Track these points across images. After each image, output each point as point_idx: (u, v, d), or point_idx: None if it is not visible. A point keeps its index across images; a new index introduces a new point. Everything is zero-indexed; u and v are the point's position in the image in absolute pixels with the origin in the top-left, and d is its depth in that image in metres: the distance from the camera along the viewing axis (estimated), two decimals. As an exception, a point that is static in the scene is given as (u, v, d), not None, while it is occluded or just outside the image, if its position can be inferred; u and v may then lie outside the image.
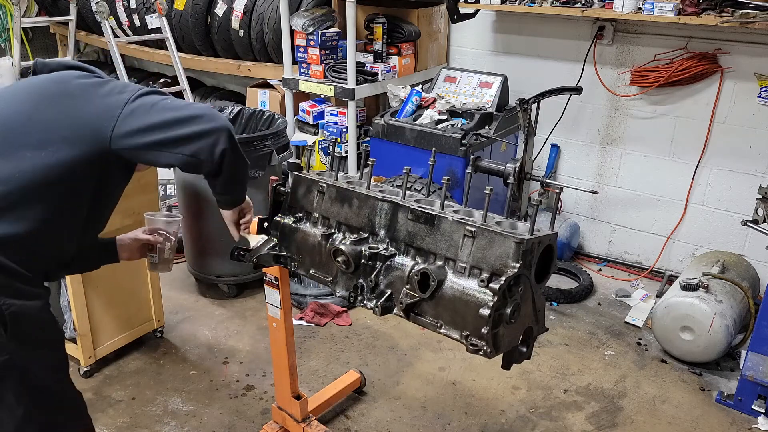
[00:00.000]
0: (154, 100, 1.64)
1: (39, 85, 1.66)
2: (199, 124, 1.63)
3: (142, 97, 1.64)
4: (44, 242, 1.61)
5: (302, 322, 3.35)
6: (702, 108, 3.54)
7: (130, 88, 1.66)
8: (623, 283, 3.88)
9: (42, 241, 1.60)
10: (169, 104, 1.65)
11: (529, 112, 3.24)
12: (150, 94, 1.66)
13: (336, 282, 1.90)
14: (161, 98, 1.66)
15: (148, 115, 1.61)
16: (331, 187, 1.95)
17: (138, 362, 3.04)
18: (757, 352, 2.68)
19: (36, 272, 1.62)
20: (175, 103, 1.66)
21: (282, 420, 2.50)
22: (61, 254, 1.72)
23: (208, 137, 1.63)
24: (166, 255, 2.11)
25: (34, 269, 1.61)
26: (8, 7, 4.85)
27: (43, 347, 1.63)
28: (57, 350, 1.70)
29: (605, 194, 4.02)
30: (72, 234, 1.70)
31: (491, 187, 1.67)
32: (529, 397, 2.86)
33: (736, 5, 3.09)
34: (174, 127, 1.62)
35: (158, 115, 1.61)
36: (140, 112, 1.61)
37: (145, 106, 1.62)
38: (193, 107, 1.68)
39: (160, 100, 1.65)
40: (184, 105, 1.68)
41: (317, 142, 4.01)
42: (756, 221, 2.87)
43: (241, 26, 4.33)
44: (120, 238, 2.05)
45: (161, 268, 2.12)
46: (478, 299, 1.58)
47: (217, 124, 1.65)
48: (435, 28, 4.24)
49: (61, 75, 1.69)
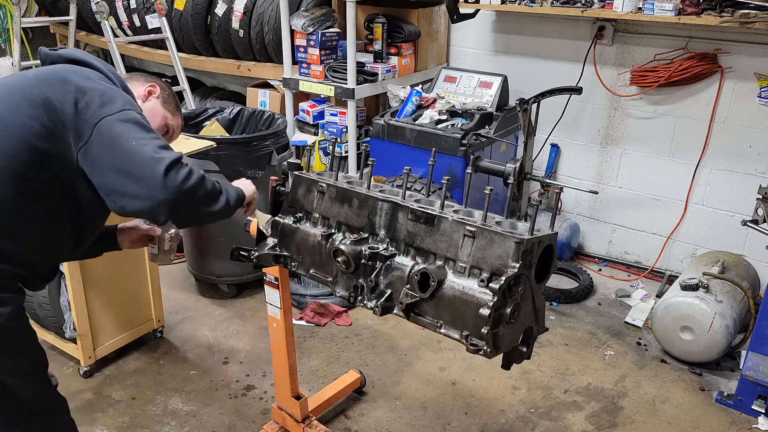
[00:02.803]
0: (118, 132, 1.54)
1: (23, 86, 1.61)
2: (139, 187, 1.52)
3: (111, 122, 1.55)
4: (15, 250, 1.60)
5: (302, 322, 3.35)
6: (702, 108, 3.54)
7: (109, 103, 1.57)
8: (623, 283, 3.88)
9: (12, 249, 1.59)
10: (126, 147, 1.53)
11: (529, 112, 3.24)
12: (123, 122, 1.56)
13: (336, 282, 1.90)
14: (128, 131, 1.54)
15: (104, 149, 1.54)
16: (331, 187, 1.95)
17: (138, 362, 3.04)
18: (757, 352, 2.68)
19: (6, 278, 1.60)
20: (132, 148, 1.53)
21: (282, 420, 2.50)
22: (40, 261, 1.70)
23: (147, 204, 1.53)
24: (166, 247, 2.10)
25: (5, 275, 1.59)
26: (8, 7, 4.85)
27: (11, 355, 1.62)
28: (26, 358, 1.67)
29: (605, 194, 4.02)
30: (54, 243, 1.69)
31: (491, 187, 1.67)
32: (529, 397, 2.86)
33: (736, 5, 3.09)
34: (119, 176, 1.53)
35: (110, 157, 1.54)
36: (97, 144, 1.54)
37: (104, 139, 1.54)
38: (145, 163, 1.52)
39: (123, 134, 1.54)
40: (138, 155, 1.52)
41: (317, 142, 4.01)
42: (756, 221, 2.87)
43: (241, 26, 4.33)
44: (121, 227, 2.05)
45: (161, 259, 2.12)
46: (478, 299, 1.58)
47: (155, 197, 1.52)
48: (435, 28, 4.24)
49: (51, 74, 1.64)
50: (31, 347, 1.71)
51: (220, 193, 1.70)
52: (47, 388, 1.76)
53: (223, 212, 1.73)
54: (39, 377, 1.72)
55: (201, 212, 1.68)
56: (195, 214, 1.68)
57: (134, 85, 1.89)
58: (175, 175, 1.53)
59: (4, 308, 1.59)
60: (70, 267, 2.65)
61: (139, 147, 1.53)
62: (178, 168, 1.55)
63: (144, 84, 1.93)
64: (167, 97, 1.96)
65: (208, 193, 1.65)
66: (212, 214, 1.71)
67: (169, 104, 1.96)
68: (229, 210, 1.75)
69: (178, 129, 2.02)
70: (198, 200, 1.62)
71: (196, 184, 1.58)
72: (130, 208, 1.55)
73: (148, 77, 1.98)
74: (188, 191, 1.55)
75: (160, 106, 1.93)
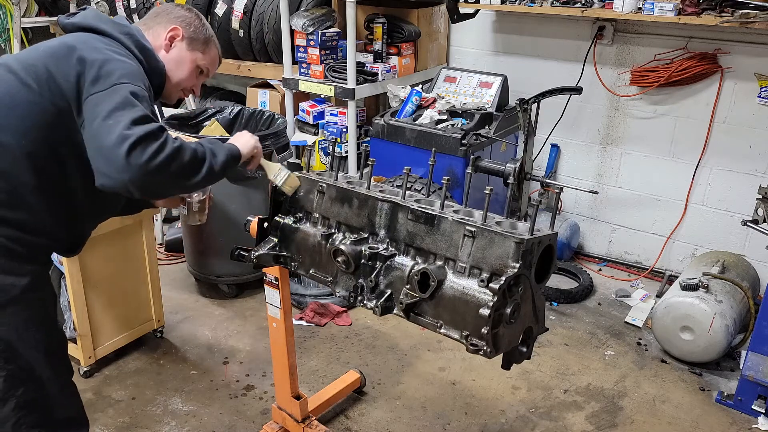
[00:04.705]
0: (100, 109, 1.53)
1: (32, 62, 1.60)
2: (108, 166, 1.51)
3: (98, 98, 1.54)
4: (27, 218, 1.62)
5: (302, 322, 3.35)
6: (702, 108, 3.54)
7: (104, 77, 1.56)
8: (623, 283, 3.88)
9: (25, 217, 1.61)
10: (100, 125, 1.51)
11: (529, 112, 3.24)
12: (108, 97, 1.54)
13: (336, 282, 1.90)
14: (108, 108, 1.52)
15: (89, 126, 1.54)
16: (331, 187, 1.95)
17: (138, 362, 3.04)
18: (757, 352, 2.68)
19: (24, 247, 1.61)
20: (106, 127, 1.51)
21: (282, 420, 2.50)
22: (60, 231, 1.71)
23: (116, 183, 1.51)
24: (195, 209, 2.11)
25: (21, 243, 1.61)
26: (8, 7, 4.84)
27: (29, 327, 1.64)
28: (43, 332, 1.68)
29: (605, 194, 4.02)
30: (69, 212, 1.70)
31: (491, 187, 1.67)
32: (529, 397, 2.85)
33: (736, 5, 3.09)
34: (95, 154, 1.52)
35: (91, 134, 1.53)
36: (87, 121, 1.54)
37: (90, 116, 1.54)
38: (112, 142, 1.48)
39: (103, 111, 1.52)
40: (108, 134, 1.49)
41: (317, 142, 4.01)
42: (756, 221, 2.87)
43: (241, 26, 4.33)
44: None
45: (191, 220, 2.14)
46: (478, 299, 1.58)
47: (121, 177, 1.49)
48: (435, 28, 4.24)
49: (59, 48, 1.62)
50: (49, 322, 1.71)
51: (202, 161, 1.64)
52: (65, 366, 1.78)
53: (208, 180, 1.68)
54: (57, 354, 1.73)
55: (180, 185, 1.65)
56: (173, 187, 1.66)
57: (155, 35, 1.83)
58: (140, 153, 1.48)
59: (20, 279, 1.60)
60: (70, 267, 2.65)
61: (114, 125, 1.50)
62: (146, 145, 1.49)
63: (165, 29, 1.84)
64: (193, 34, 1.88)
65: (185, 165, 1.59)
66: (195, 185, 1.67)
67: (197, 42, 1.88)
68: (217, 175, 1.70)
69: (213, 64, 1.97)
70: (172, 175, 1.56)
71: (167, 158, 1.52)
72: (105, 186, 1.53)
73: (172, 14, 1.87)
74: (156, 168, 1.50)
75: (186, 50, 1.86)
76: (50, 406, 1.73)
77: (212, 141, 1.75)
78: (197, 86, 1.96)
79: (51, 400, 1.72)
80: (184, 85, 1.91)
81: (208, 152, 1.66)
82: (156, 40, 1.83)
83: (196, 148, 1.63)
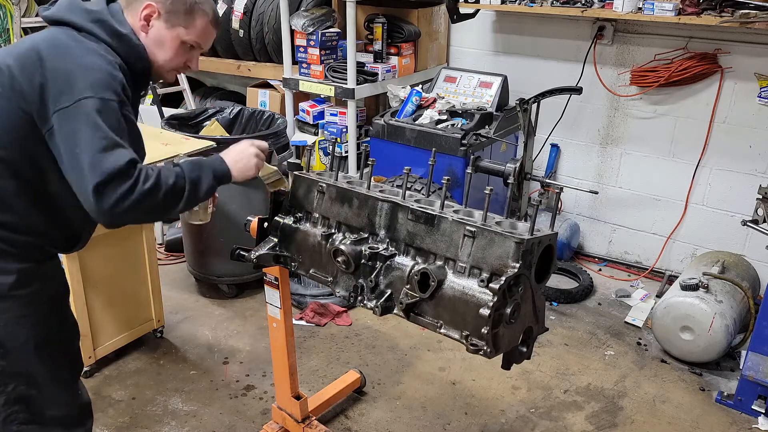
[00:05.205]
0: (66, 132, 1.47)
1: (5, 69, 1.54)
2: (81, 197, 1.48)
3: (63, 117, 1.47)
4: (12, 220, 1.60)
5: (302, 322, 3.35)
6: (702, 108, 3.54)
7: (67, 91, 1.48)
8: (623, 283, 3.88)
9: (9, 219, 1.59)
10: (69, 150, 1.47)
11: (529, 112, 3.24)
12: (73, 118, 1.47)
13: (336, 282, 1.90)
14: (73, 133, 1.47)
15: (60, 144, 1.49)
16: (331, 187, 1.95)
17: (138, 362, 3.04)
18: (757, 352, 2.68)
19: (18, 247, 1.61)
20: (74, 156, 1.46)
21: (282, 420, 2.50)
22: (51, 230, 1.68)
23: (92, 214, 1.49)
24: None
25: (15, 244, 1.60)
26: (8, 7, 4.84)
27: (20, 324, 1.63)
28: (36, 329, 1.67)
29: (605, 194, 4.02)
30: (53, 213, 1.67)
31: (491, 187, 1.67)
32: (529, 397, 2.85)
33: (736, 5, 3.09)
34: (69, 176, 1.49)
35: (61, 155, 1.49)
36: (56, 136, 1.49)
37: (57, 135, 1.49)
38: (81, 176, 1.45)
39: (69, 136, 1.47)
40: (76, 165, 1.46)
41: (317, 142, 4.01)
42: (756, 221, 2.87)
43: (241, 26, 4.33)
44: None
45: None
46: (478, 299, 1.58)
47: (93, 212, 1.48)
48: (435, 28, 4.24)
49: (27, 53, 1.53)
50: (42, 319, 1.68)
51: (180, 194, 1.59)
52: (63, 363, 1.76)
53: (190, 205, 1.64)
54: (51, 350, 1.71)
55: (158, 218, 1.61)
56: (151, 220, 1.63)
57: (133, 14, 1.66)
58: (109, 197, 1.45)
59: (7, 277, 1.59)
60: (70, 267, 2.65)
61: (79, 166, 1.46)
62: (115, 187, 1.45)
63: (139, 7, 1.65)
64: (171, 7, 1.66)
65: (159, 203, 1.54)
66: (176, 212, 1.64)
67: (177, 16, 1.67)
68: (200, 199, 1.65)
69: (202, 36, 1.73)
70: (146, 212, 1.54)
71: (137, 199, 1.48)
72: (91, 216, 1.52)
73: None
74: (126, 210, 1.47)
75: (164, 29, 1.67)
76: (43, 402, 1.71)
77: (198, 164, 1.67)
78: (192, 60, 1.76)
79: (44, 397, 1.71)
80: (172, 64, 1.73)
81: (188, 184, 1.61)
82: (133, 20, 1.65)
83: (175, 181, 1.58)
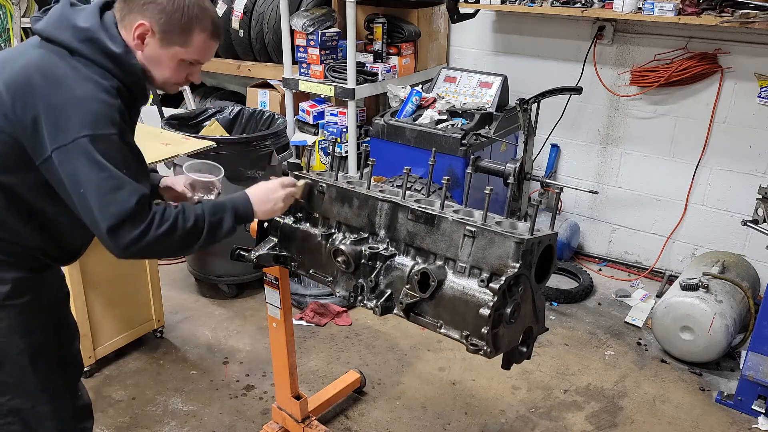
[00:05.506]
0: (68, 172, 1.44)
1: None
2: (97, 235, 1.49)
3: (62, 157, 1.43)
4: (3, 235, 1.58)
5: (302, 322, 3.35)
6: (702, 108, 3.54)
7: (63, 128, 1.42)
8: (623, 283, 3.88)
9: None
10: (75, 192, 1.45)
11: (529, 112, 3.24)
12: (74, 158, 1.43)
13: (336, 282, 1.90)
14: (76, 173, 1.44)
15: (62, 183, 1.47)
16: (331, 187, 1.95)
17: (138, 362, 3.04)
18: (757, 352, 2.68)
19: (14, 256, 1.59)
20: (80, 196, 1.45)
21: (282, 420, 2.50)
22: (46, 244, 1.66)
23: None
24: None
25: (11, 253, 1.59)
26: (8, 7, 4.84)
27: (14, 334, 1.61)
28: (30, 338, 1.65)
29: (605, 194, 4.02)
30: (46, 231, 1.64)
31: (491, 187, 1.67)
32: (529, 397, 2.85)
33: (736, 5, 3.09)
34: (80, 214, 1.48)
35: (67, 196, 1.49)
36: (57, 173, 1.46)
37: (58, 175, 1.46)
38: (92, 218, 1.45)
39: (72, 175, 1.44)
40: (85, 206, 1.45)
41: (317, 142, 4.01)
42: (756, 221, 2.87)
43: (241, 26, 4.33)
44: (163, 181, 1.94)
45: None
46: (478, 299, 1.58)
47: (110, 250, 1.49)
48: (435, 28, 4.24)
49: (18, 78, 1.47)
50: (37, 328, 1.67)
51: (200, 233, 1.59)
52: (61, 370, 1.74)
53: (208, 246, 1.64)
54: (47, 360, 1.69)
55: (175, 253, 1.63)
56: (168, 255, 1.64)
57: (127, 30, 1.54)
58: (125, 235, 1.45)
59: (1, 287, 1.57)
60: (69, 268, 2.65)
61: (87, 195, 1.44)
62: (129, 228, 1.45)
63: (133, 24, 1.53)
64: (166, 26, 1.53)
65: (176, 243, 1.54)
66: (194, 251, 1.65)
67: (173, 35, 1.54)
68: (218, 240, 1.66)
69: (201, 53, 1.61)
70: (162, 251, 1.56)
71: (152, 241, 1.48)
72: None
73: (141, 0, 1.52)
74: (142, 249, 1.48)
75: (159, 48, 1.55)
76: (37, 415, 1.69)
77: (222, 206, 1.67)
78: (192, 74, 1.68)
79: (38, 410, 1.69)
80: (172, 81, 1.65)
81: (207, 226, 1.60)
82: (128, 37, 1.54)
83: (194, 224, 1.57)
